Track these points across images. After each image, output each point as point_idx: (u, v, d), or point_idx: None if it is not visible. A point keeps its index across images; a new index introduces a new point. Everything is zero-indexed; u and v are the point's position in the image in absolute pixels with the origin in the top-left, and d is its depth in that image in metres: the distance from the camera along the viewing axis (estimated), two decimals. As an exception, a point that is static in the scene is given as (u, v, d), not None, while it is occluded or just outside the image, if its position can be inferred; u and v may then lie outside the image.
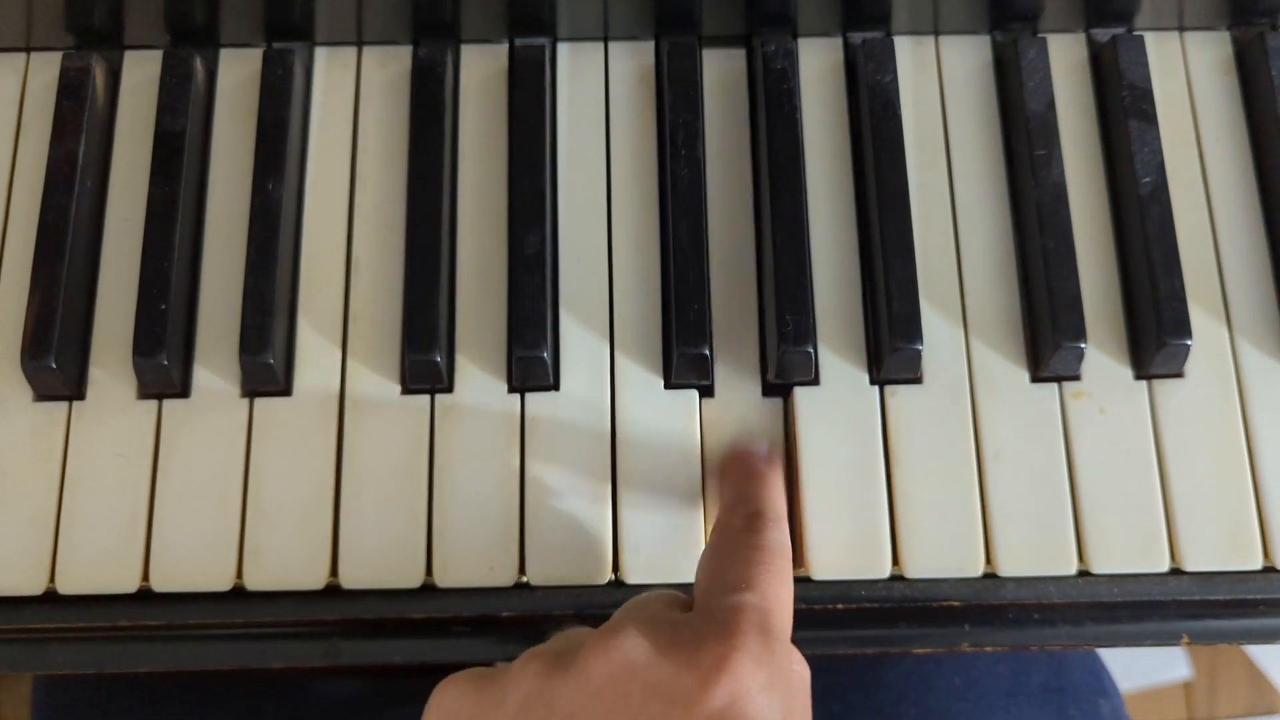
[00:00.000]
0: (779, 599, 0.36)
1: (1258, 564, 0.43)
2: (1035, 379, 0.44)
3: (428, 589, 0.43)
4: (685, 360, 0.43)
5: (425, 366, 0.43)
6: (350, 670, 0.57)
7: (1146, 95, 0.47)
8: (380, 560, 0.42)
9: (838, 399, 0.44)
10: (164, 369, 0.43)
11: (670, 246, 0.45)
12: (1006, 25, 0.49)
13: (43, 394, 0.44)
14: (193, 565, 0.42)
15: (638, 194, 0.47)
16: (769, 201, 0.45)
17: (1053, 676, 0.58)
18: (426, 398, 0.44)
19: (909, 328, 0.43)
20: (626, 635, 0.33)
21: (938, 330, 0.45)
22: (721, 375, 0.44)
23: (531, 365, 0.43)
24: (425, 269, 0.44)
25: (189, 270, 0.46)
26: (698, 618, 0.35)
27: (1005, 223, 0.46)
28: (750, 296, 0.45)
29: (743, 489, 0.40)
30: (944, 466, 0.43)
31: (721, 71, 0.49)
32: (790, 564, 0.38)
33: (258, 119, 0.47)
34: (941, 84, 0.48)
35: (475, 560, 0.42)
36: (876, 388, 0.44)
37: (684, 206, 0.45)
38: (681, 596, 0.38)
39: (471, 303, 0.45)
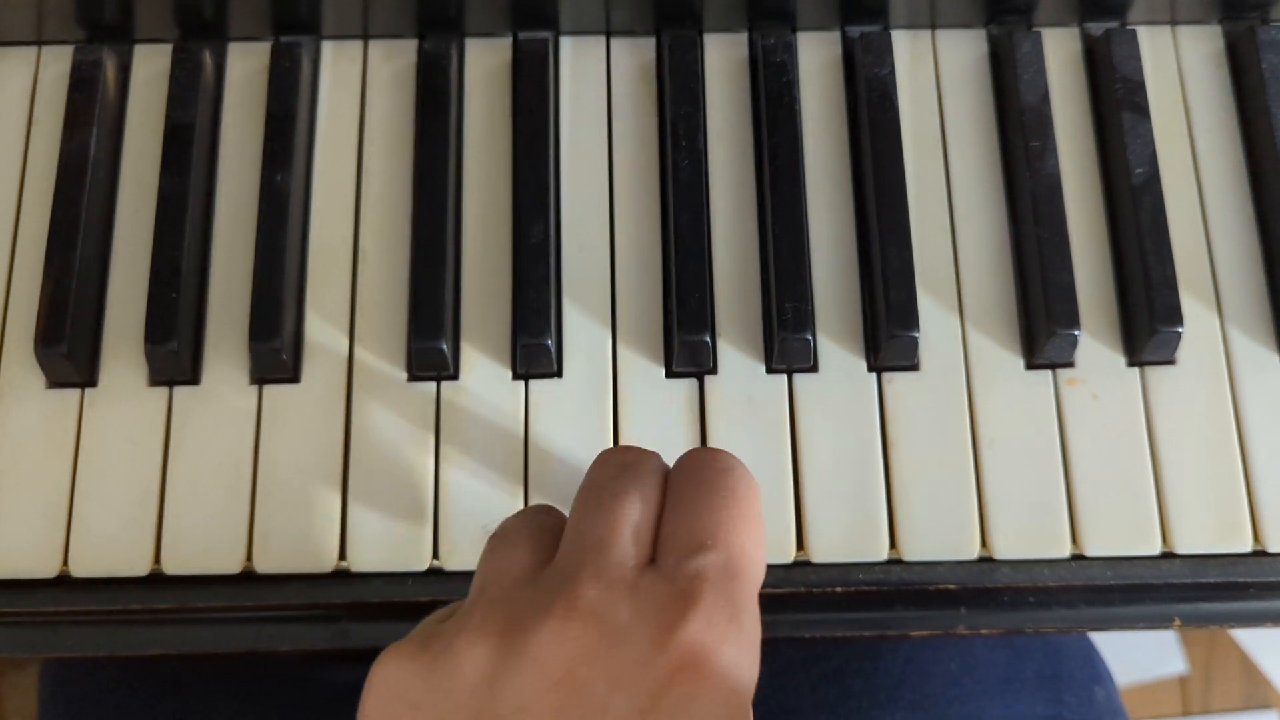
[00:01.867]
0: (744, 552, 0.33)
1: (1247, 547, 0.43)
2: (1030, 366, 0.45)
3: (435, 572, 0.43)
4: (686, 348, 0.44)
5: (431, 354, 0.44)
6: (357, 655, 0.58)
7: (1139, 88, 0.47)
8: (388, 544, 0.43)
9: (836, 385, 0.45)
10: (175, 356, 0.44)
11: (672, 236, 0.46)
12: (1002, 19, 0.49)
13: (55, 381, 0.45)
14: (203, 549, 0.43)
15: (640, 185, 0.47)
16: (769, 193, 0.46)
17: (1048, 663, 0.59)
18: (432, 384, 0.45)
19: (906, 316, 0.44)
20: (583, 618, 0.31)
21: (934, 318, 0.46)
22: (725, 356, 0.45)
23: (535, 353, 0.44)
24: (431, 258, 0.45)
25: (199, 260, 0.46)
26: (662, 585, 0.32)
27: (1000, 213, 0.47)
28: (755, 278, 0.46)
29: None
30: (940, 451, 0.44)
31: (725, 56, 0.49)
32: (758, 500, 0.35)
33: (266, 111, 0.47)
34: (938, 77, 0.49)
35: (481, 543, 0.43)
36: (874, 375, 0.45)
37: (685, 197, 0.46)
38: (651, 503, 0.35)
39: (476, 292, 0.46)
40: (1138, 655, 1.22)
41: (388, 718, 0.33)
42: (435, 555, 0.43)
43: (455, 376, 0.45)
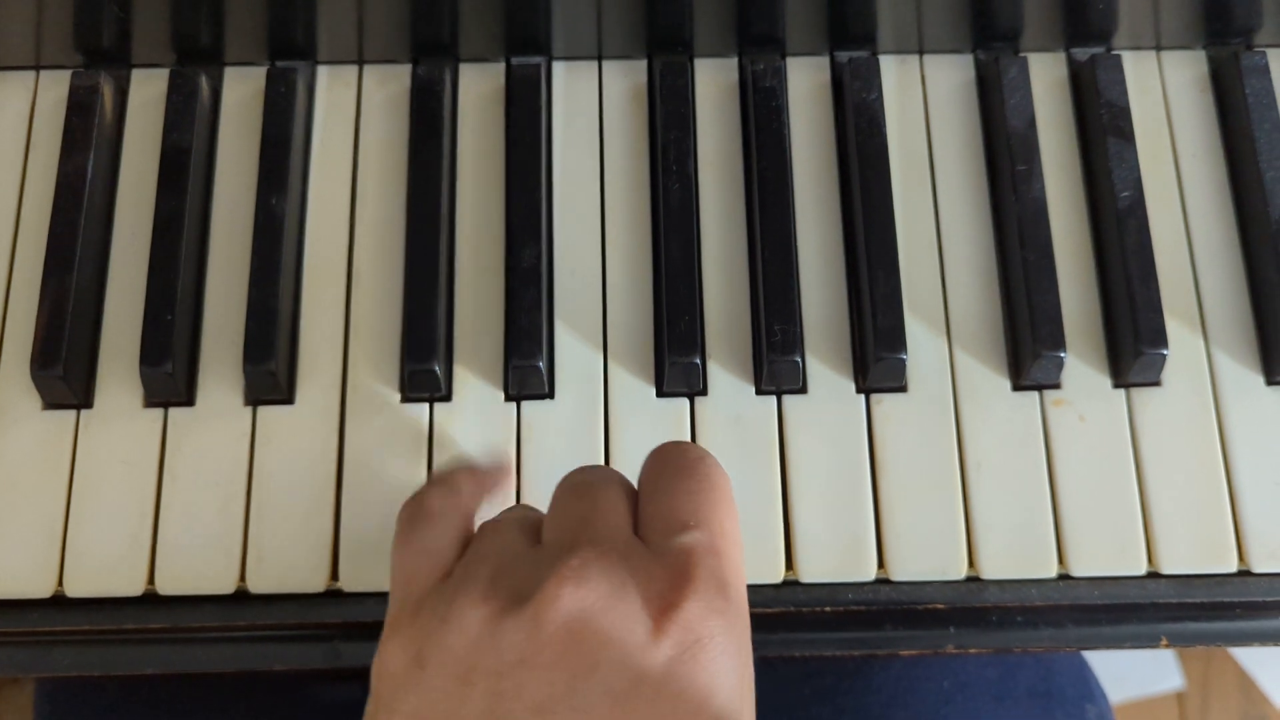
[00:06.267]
0: (725, 532, 0.35)
1: (1233, 567, 0.44)
2: (1017, 387, 0.46)
3: (426, 592, 0.44)
4: (677, 369, 0.45)
5: (424, 376, 0.45)
6: (350, 673, 0.58)
7: (1124, 113, 0.48)
8: (381, 564, 0.43)
9: (825, 407, 0.45)
10: (170, 378, 0.44)
11: (662, 259, 0.46)
12: (989, 45, 0.50)
13: (51, 402, 0.45)
14: (197, 569, 0.43)
15: (631, 208, 0.48)
16: (758, 216, 0.47)
17: (1040, 681, 0.59)
18: (425, 406, 0.45)
19: (894, 338, 0.44)
20: (579, 579, 0.33)
21: (922, 340, 0.46)
22: (715, 377, 0.46)
23: (527, 374, 0.45)
24: (424, 281, 0.46)
25: (194, 282, 0.47)
26: (653, 559, 0.34)
27: (987, 236, 0.48)
28: (744, 301, 0.47)
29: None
30: (928, 472, 0.44)
31: (716, 81, 0.50)
32: (730, 487, 0.37)
33: (261, 135, 0.48)
34: (925, 101, 0.50)
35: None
36: (863, 396, 0.45)
37: (675, 221, 0.46)
38: (627, 491, 0.37)
39: (469, 314, 0.47)
40: (1135, 671, 1.22)
41: (393, 682, 0.34)
42: (427, 575, 0.44)
43: (448, 398, 0.45)
